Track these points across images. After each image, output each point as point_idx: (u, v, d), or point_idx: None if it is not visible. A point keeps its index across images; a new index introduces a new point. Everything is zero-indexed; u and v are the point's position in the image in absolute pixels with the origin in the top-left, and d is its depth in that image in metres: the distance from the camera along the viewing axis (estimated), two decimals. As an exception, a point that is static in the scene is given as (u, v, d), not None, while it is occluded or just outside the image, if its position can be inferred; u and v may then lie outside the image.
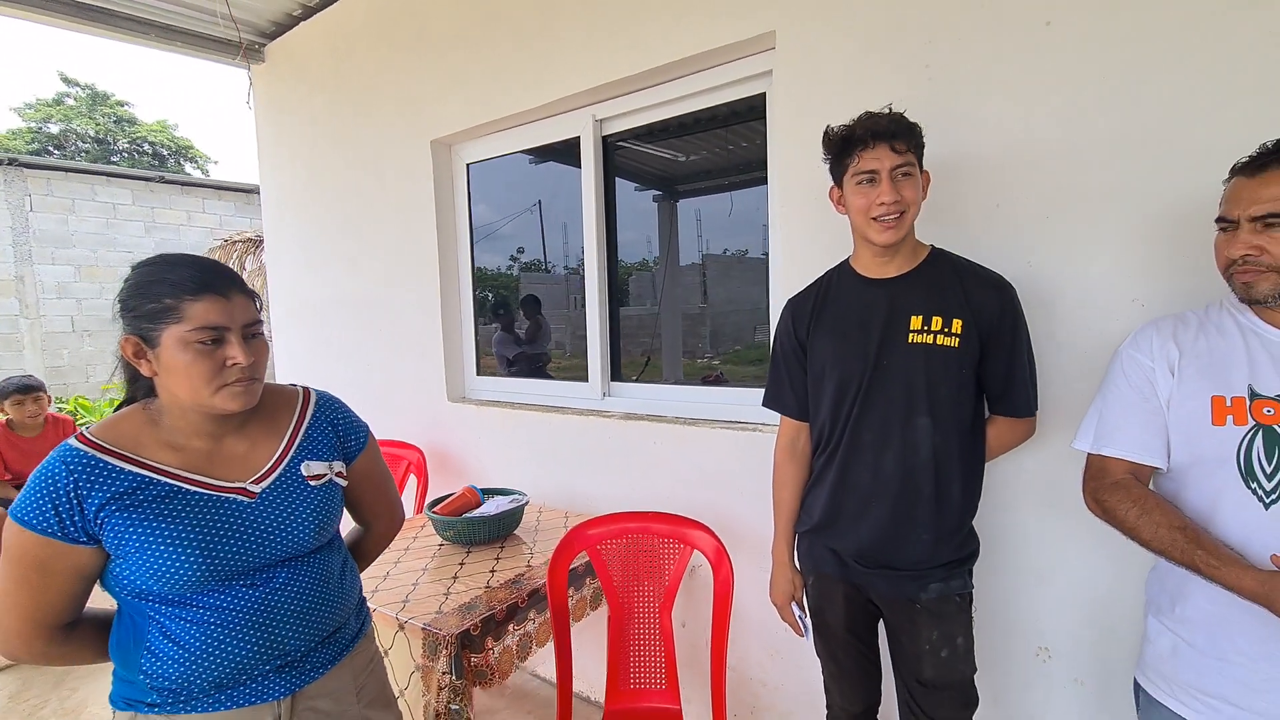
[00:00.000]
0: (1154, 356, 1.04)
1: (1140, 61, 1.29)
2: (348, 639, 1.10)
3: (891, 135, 1.22)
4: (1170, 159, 1.28)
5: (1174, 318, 1.08)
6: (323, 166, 3.21)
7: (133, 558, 0.89)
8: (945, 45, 1.50)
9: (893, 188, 1.22)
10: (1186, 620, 1.00)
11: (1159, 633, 1.05)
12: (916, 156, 1.25)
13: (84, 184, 8.05)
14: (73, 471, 0.88)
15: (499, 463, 2.60)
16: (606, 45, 2.08)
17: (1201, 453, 0.97)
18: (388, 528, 1.30)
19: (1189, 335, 1.02)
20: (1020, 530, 1.52)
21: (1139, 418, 1.04)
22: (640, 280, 2.47)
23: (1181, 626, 1.01)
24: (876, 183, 1.24)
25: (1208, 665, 0.96)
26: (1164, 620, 1.04)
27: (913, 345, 1.26)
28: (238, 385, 0.95)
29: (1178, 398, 1.00)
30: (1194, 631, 0.99)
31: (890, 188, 1.22)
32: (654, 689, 1.76)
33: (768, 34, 1.76)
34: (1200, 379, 0.98)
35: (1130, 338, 1.10)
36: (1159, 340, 1.04)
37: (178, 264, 0.94)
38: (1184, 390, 0.99)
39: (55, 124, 17.08)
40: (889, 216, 1.23)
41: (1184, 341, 1.02)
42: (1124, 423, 1.05)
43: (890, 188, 1.22)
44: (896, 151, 1.22)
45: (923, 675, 1.31)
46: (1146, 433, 1.03)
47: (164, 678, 0.92)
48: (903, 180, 1.23)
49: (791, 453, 1.49)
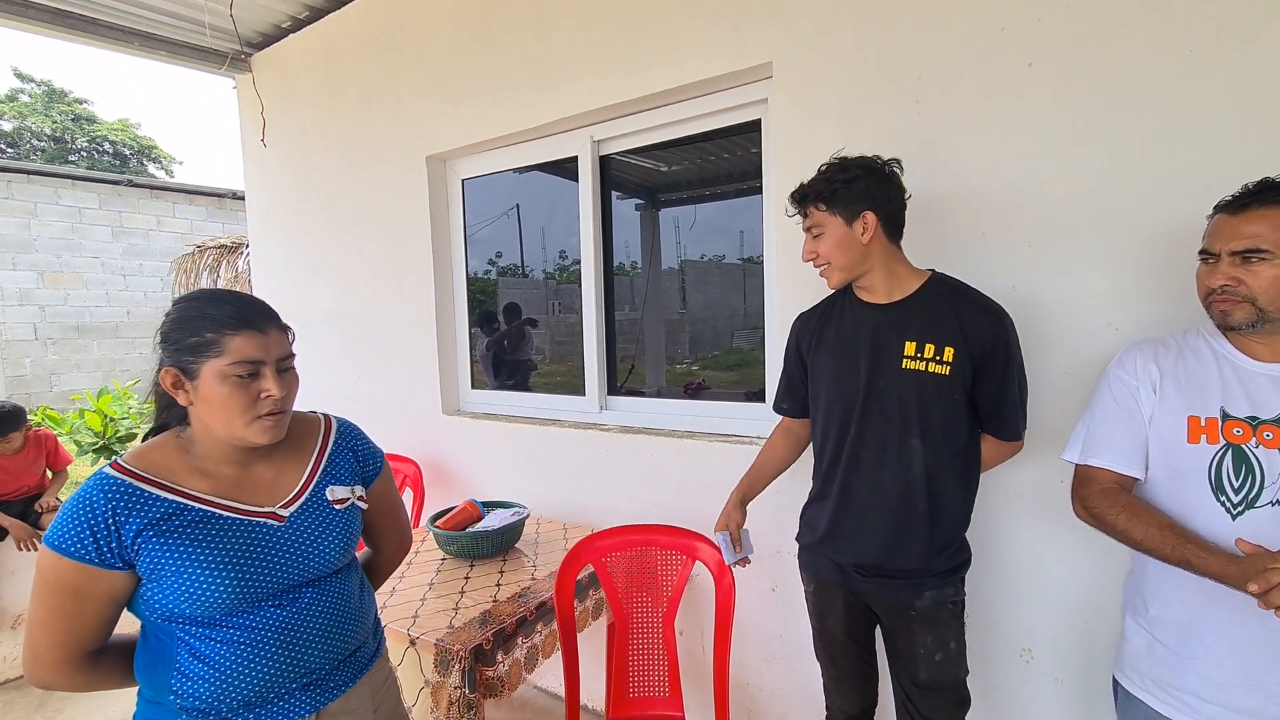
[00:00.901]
0: (1138, 376, 1.13)
1: (1118, 100, 1.40)
2: (366, 658, 1.14)
3: (800, 200, 1.40)
4: (1146, 193, 1.38)
5: (1154, 341, 1.16)
6: (314, 178, 3.19)
7: (168, 581, 0.92)
8: (934, 83, 1.59)
9: (810, 246, 1.41)
10: (1159, 621, 1.10)
11: (1135, 632, 1.15)
12: (832, 210, 1.36)
13: (47, 186, 7.81)
14: (111, 499, 0.91)
15: (495, 475, 2.63)
16: (606, 69, 2.13)
17: (1178, 467, 1.07)
18: (398, 549, 1.34)
19: (1169, 358, 1.12)
20: (1005, 538, 1.61)
21: (1123, 432, 1.13)
22: (620, 285, 2.51)
23: (1155, 627, 1.10)
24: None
25: (1178, 663, 1.06)
26: (1139, 620, 1.14)
27: (905, 371, 1.34)
28: (269, 419, 0.99)
29: (1159, 415, 1.10)
30: (1166, 631, 1.08)
31: (809, 245, 1.41)
32: (656, 697, 1.81)
33: (765, 64, 1.83)
34: (1178, 398, 1.08)
35: (1116, 359, 1.19)
36: (1142, 361, 1.14)
37: (219, 300, 0.99)
38: (1164, 408, 1.09)
39: (8, 121, 16.47)
40: (819, 268, 1.41)
41: (1164, 363, 1.12)
42: (1110, 436, 1.15)
43: (809, 245, 1.41)
44: (804, 215, 1.41)
45: (918, 677, 1.39)
46: (1130, 445, 1.13)
47: (195, 697, 0.94)
48: (816, 240, 1.39)
49: (785, 431, 1.66)
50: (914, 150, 1.62)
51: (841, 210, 1.35)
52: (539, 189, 2.68)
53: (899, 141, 1.62)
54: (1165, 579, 1.08)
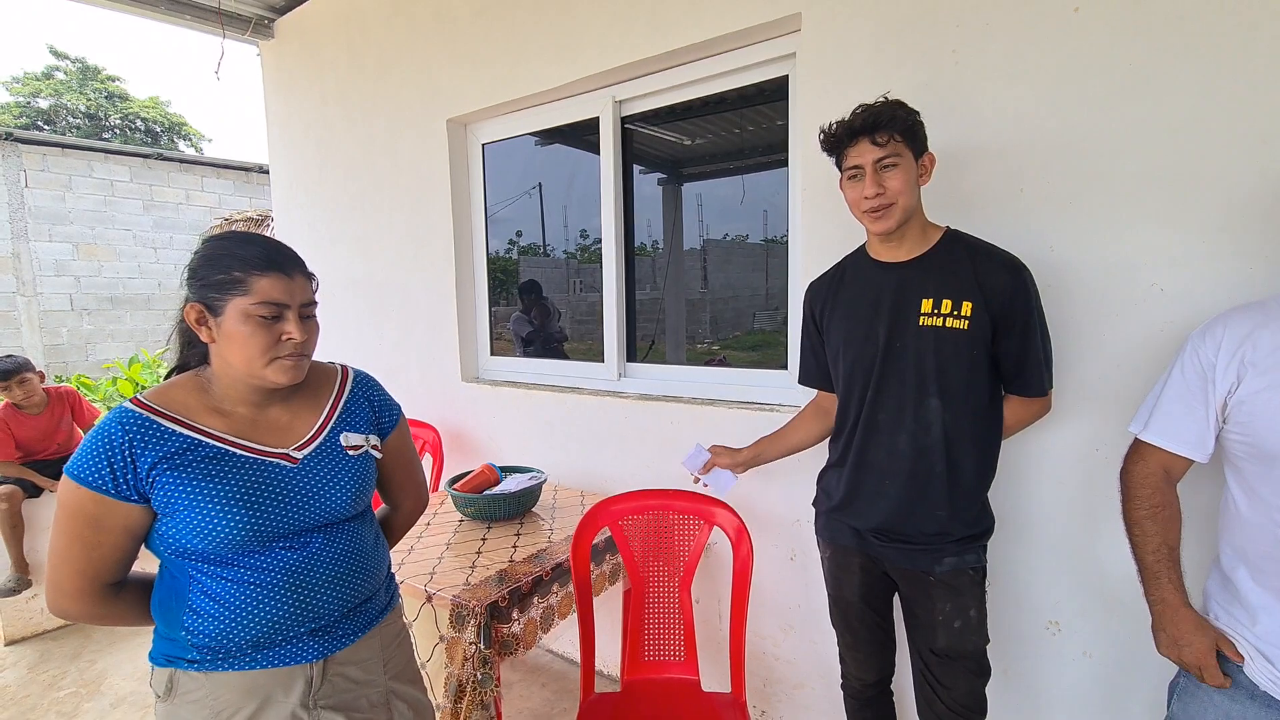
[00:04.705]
0: (1219, 350, 1.02)
1: (1170, 48, 1.31)
2: (377, 610, 1.14)
3: (872, 128, 1.25)
4: (1197, 146, 1.30)
5: (1258, 307, 1.02)
6: (335, 145, 3.19)
7: (180, 515, 0.93)
8: (973, 30, 1.51)
9: (875, 181, 1.26)
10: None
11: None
12: (907, 143, 1.27)
13: (81, 160, 7.95)
14: (128, 431, 0.93)
15: (513, 442, 2.63)
16: (628, 24, 2.08)
17: (1275, 446, 0.95)
18: (414, 506, 1.34)
19: (1275, 326, 0.98)
20: (1034, 506, 1.56)
21: (1184, 411, 1.06)
22: (640, 265, 2.48)
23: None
24: (862, 178, 1.28)
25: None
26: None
27: (923, 328, 1.29)
28: (288, 360, 1.00)
29: (1250, 392, 0.98)
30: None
31: (873, 182, 1.26)
32: (672, 661, 1.81)
33: (793, 16, 1.76)
34: (1277, 370, 0.96)
35: (1201, 327, 1.08)
36: (1230, 335, 1.01)
37: (249, 241, 0.99)
38: (1260, 383, 0.97)
39: (45, 99, 16.80)
40: (876, 210, 1.27)
41: (1264, 335, 0.98)
42: (1171, 413, 1.08)
43: (873, 182, 1.26)
44: (878, 144, 1.25)
45: (936, 645, 1.36)
46: (1188, 427, 1.05)
47: (205, 634, 0.96)
48: (886, 172, 1.26)
49: (816, 408, 1.62)
50: (949, 102, 1.55)
51: (913, 146, 1.28)
52: (560, 164, 2.65)
53: (933, 93, 1.55)
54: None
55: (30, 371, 3.01)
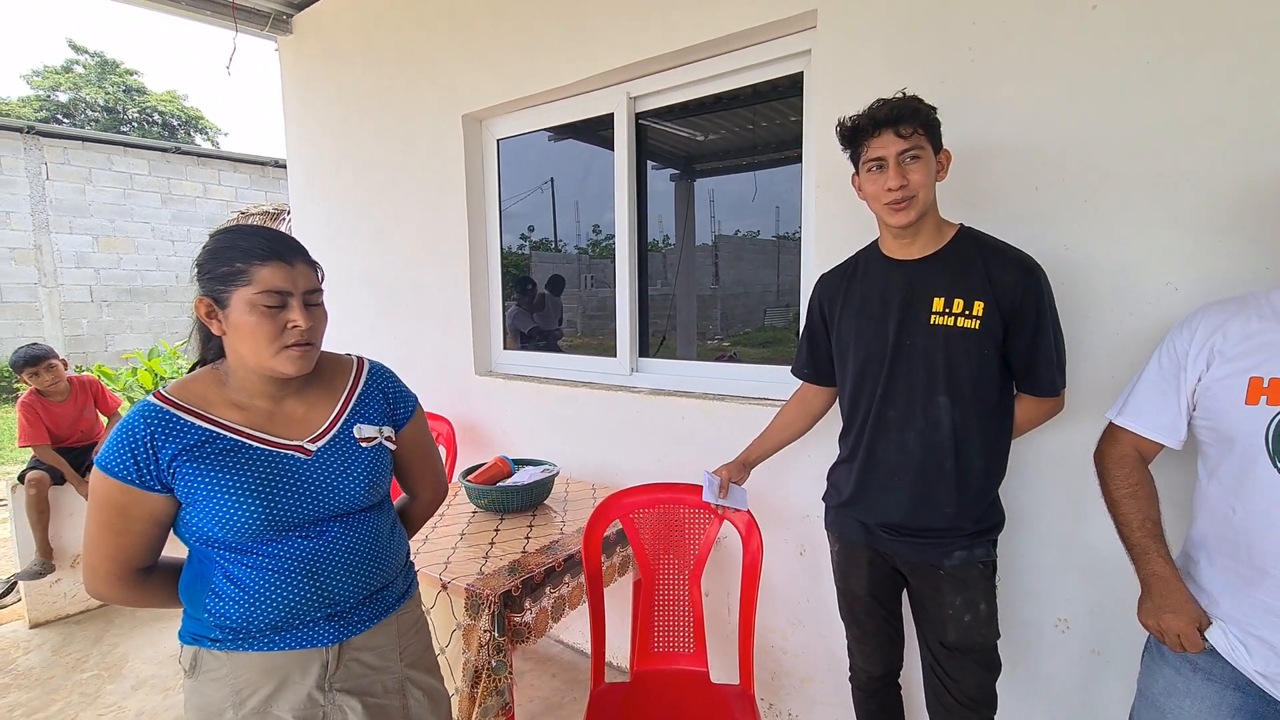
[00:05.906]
0: (1193, 341, 1.06)
1: (1188, 44, 1.31)
2: (394, 598, 1.16)
3: (896, 120, 1.25)
4: (1214, 145, 1.30)
5: (1234, 301, 1.07)
6: (351, 140, 3.23)
7: (201, 505, 0.97)
8: (989, 27, 1.51)
9: (899, 173, 1.26)
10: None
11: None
12: (928, 137, 1.27)
13: (101, 153, 8.07)
14: (150, 424, 0.96)
15: (526, 435, 2.66)
16: (643, 22, 2.09)
17: (1231, 431, 1.01)
18: (433, 497, 1.36)
19: (1242, 318, 1.03)
20: (1045, 503, 1.57)
21: (1157, 397, 1.11)
22: (652, 260, 2.49)
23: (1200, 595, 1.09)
24: (885, 169, 1.28)
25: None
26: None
27: (934, 327, 1.30)
28: (296, 350, 1.02)
29: (1216, 379, 1.03)
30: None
31: (897, 173, 1.26)
32: (681, 653, 1.83)
33: (808, 13, 1.76)
34: (1244, 359, 1.01)
35: (1181, 319, 1.12)
36: (1204, 325, 1.06)
37: (250, 233, 1.02)
38: (1223, 371, 1.02)
39: (64, 92, 17.04)
40: (899, 202, 1.27)
41: (1234, 325, 1.03)
42: (1145, 399, 1.13)
43: (897, 173, 1.26)
44: (901, 136, 1.25)
45: (946, 638, 1.36)
46: (1159, 413, 1.11)
47: (226, 616, 1.00)
48: (909, 164, 1.26)
49: (800, 401, 1.64)
50: (964, 100, 1.55)
51: (933, 141, 1.29)
52: (574, 160, 2.66)
53: (949, 90, 1.55)
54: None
55: (56, 359, 3.08)
